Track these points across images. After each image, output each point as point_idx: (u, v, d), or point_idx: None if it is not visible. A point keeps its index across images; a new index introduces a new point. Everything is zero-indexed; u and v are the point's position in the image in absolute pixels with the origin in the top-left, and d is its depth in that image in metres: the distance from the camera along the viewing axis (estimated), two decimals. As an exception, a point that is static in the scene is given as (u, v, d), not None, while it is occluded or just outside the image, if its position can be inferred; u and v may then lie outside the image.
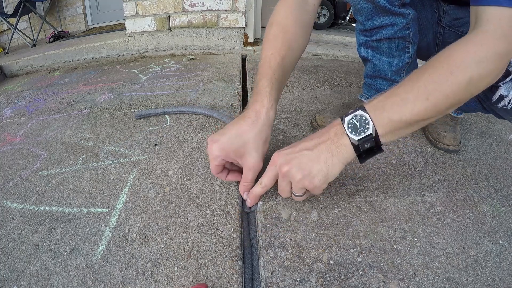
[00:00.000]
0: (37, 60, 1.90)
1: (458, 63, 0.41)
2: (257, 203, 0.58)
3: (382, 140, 0.44)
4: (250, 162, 0.52)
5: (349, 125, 0.45)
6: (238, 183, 0.63)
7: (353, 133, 0.44)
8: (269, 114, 0.52)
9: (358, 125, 0.44)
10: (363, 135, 0.44)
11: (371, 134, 0.44)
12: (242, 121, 0.52)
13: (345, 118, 0.46)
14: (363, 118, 0.44)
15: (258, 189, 0.53)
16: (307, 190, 0.50)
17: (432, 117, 0.44)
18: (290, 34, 0.58)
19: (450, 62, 0.42)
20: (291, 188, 0.50)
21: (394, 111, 0.43)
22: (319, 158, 0.46)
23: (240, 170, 0.58)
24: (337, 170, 0.46)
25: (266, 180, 0.51)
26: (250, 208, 0.59)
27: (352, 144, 0.45)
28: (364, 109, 0.45)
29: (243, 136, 0.51)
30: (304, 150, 0.47)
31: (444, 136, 0.76)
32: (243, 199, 0.60)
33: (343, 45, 2.12)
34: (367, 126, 0.44)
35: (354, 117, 0.45)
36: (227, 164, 0.57)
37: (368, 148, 0.45)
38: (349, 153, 0.45)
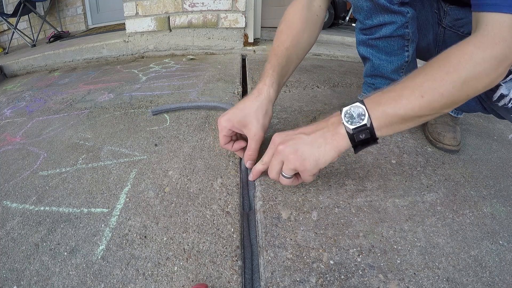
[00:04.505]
0: (37, 60, 1.90)
1: (455, 64, 0.43)
2: (256, 180, 0.62)
3: (377, 133, 0.46)
4: (252, 131, 0.59)
5: (346, 115, 0.47)
6: (237, 183, 0.63)
7: (349, 122, 0.47)
8: (270, 91, 0.60)
9: (355, 115, 0.46)
10: (358, 125, 0.46)
11: (365, 124, 0.46)
12: (247, 97, 0.61)
13: (343, 108, 0.48)
14: (360, 109, 0.46)
15: (259, 166, 0.58)
16: (295, 177, 0.54)
17: (427, 115, 0.46)
18: (294, 29, 0.66)
19: (447, 63, 0.44)
20: (281, 169, 0.52)
21: (389, 105, 0.45)
22: (313, 143, 0.49)
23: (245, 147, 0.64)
24: (329, 158, 0.48)
25: (266, 158, 0.55)
26: (250, 208, 0.59)
27: (348, 133, 0.47)
28: (362, 102, 0.47)
29: (246, 108, 0.59)
30: (301, 133, 0.51)
31: (444, 136, 0.75)
32: (243, 199, 0.60)
33: (343, 45, 2.12)
34: (362, 117, 0.46)
35: (352, 108, 0.47)
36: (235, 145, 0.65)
37: (363, 139, 0.47)
38: (343, 142, 0.48)
